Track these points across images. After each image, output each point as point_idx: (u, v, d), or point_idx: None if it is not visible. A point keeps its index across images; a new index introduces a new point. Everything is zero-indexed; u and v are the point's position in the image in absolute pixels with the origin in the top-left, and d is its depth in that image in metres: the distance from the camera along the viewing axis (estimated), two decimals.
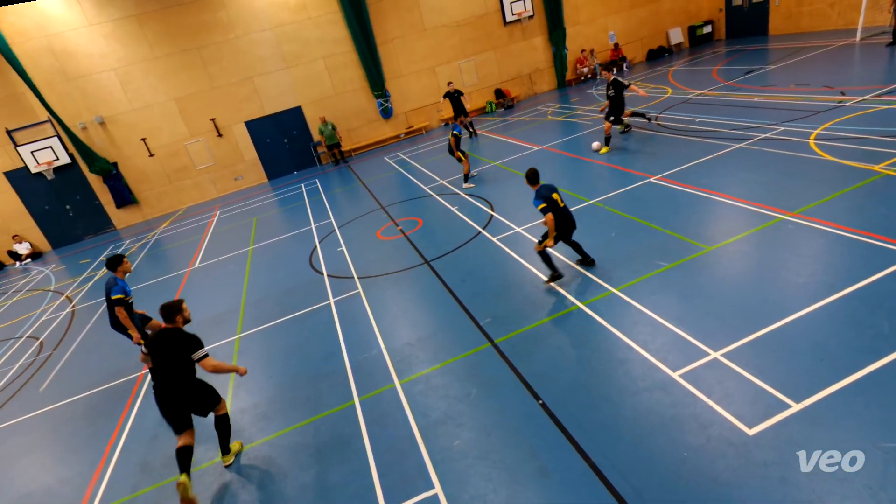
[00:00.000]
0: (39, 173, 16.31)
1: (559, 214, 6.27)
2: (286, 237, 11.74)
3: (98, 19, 15.59)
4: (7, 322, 11.11)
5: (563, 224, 6.33)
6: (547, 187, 6.34)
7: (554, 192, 6.30)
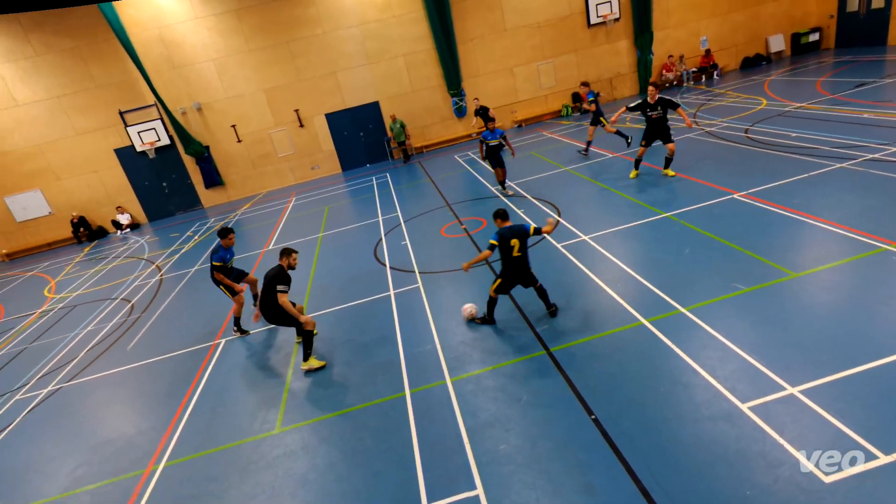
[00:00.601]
0: (143, 152, 17.95)
1: (509, 261, 6.00)
2: (354, 227, 12.15)
3: (203, 13, 16.88)
4: (105, 284, 12.34)
5: (511, 272, 6.07)
6: (512, 230, 5.99)
7: (515, 238, 5.93)
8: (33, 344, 9.58)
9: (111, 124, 17.57)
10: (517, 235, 5.95)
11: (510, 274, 6.09)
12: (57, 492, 5.36)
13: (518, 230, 6.01)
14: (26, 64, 16.48)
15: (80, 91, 17.06)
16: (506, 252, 5.96)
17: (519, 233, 5.98)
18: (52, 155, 17.61)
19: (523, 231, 6.02)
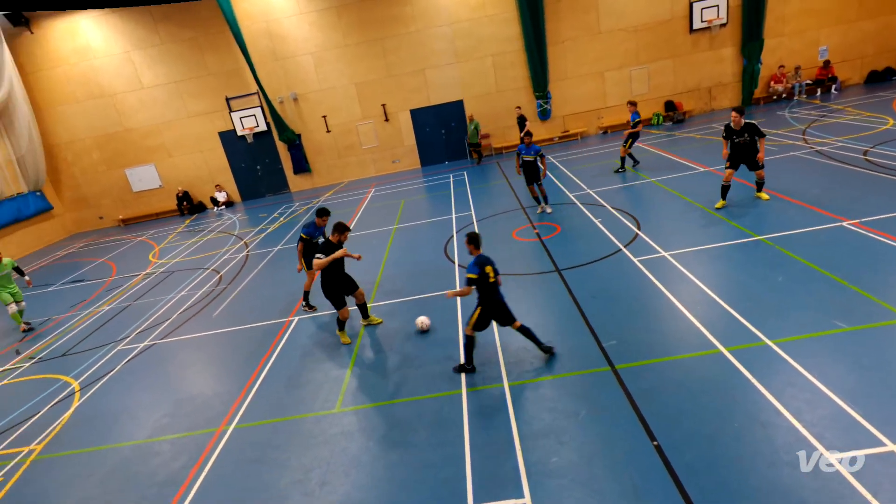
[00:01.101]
0: (243, 136, 19.40)
1: (487, 290, 5.59)
2: (427, 222, 12.36)
3: (307, 9, 17.90)
4: (199, 255, 13.50)
5: (490, 303, 5.64)
6: (485, 258, 5.64)
7: (489, 265, 5.59)
8: (136, 302, 10.70)
9: (217, 109, 19.16)
10: (490, 262, 5.65)
11: (489, 303, 5.66)
12: (143, 436, 5.95)
13: (489, 258, 5.69)
14: (153, 51, 18.38)
15: (195, 78, 18.75)
16: (483, 280, 5.57)
17: (492, 261, 5.68)
18: (167, 134, 19.52)
19: (491, 259, 5.71)
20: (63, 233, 20.48)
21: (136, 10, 17.77)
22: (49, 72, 18.64)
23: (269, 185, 20.45)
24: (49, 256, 17.32)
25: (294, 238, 13.27)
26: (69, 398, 7.17)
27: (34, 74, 18.61)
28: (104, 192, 20.44)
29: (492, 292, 5.62)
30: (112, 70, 18.62)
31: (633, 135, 12.90)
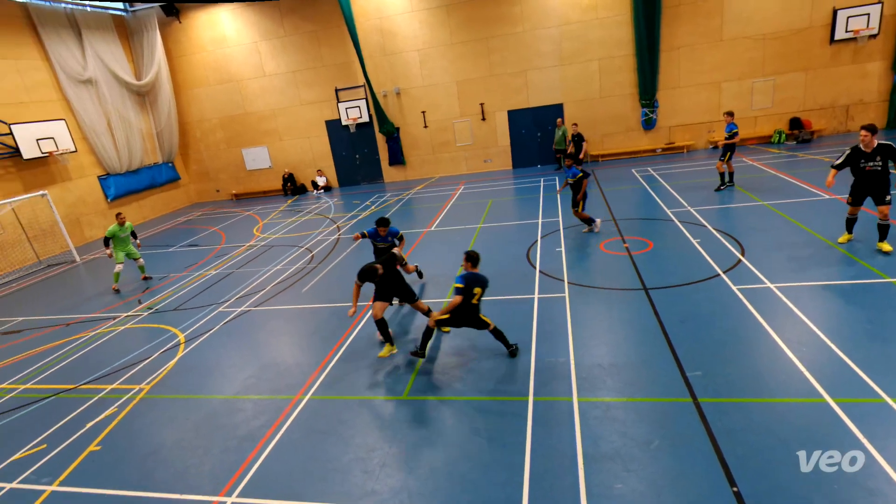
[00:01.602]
0: (346, 126, 20.49)
1: (464, 306, 5.96)
2: (512, 224, 12.26)
3: (419, 7, 18.46)
4: (296, 234, 14.49)
5: (462, 315, 6.04)
6: (477, 278, 5.98)
7: (479, 286, 5.97)
8: (238, 270, 11.73)
9: (327, 99, 20.40)
10: (481, 284, 5.98)
11: (459, 317, 6.06)
12: (231, 392, 6.53)
13: (483, 279, 6.02)
14: (277, 42, 19.96)
15: (310, 68, 20.10)
16: (468, 297, 5.91)
17: (483, 282, 6.00)
18: (281, 119, 21.15)
19: (486, 282, 6.06)
20: (186, 201, 22.96)
21: (268, 4, 19.40)
22: (190, 57, 20.94)
23: (366, 173, 21.42)
24: (172, 221, 19.51)
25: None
26: (175, 348, 8.05)
27: (178, 59, 21.01)
28: (223, 168, 22.61)
29: (468, 309, 5.99)
30: (241, 58, 20.50)
31: (730, 147, 11.88)
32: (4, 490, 5.26)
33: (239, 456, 5.28)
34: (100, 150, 18.31)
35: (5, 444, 6.06)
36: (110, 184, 18.75)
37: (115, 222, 11.22)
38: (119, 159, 19.09)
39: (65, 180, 17.16)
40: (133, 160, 19.78)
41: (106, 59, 18.59)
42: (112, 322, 9.60)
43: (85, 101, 17.77)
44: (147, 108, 20.67)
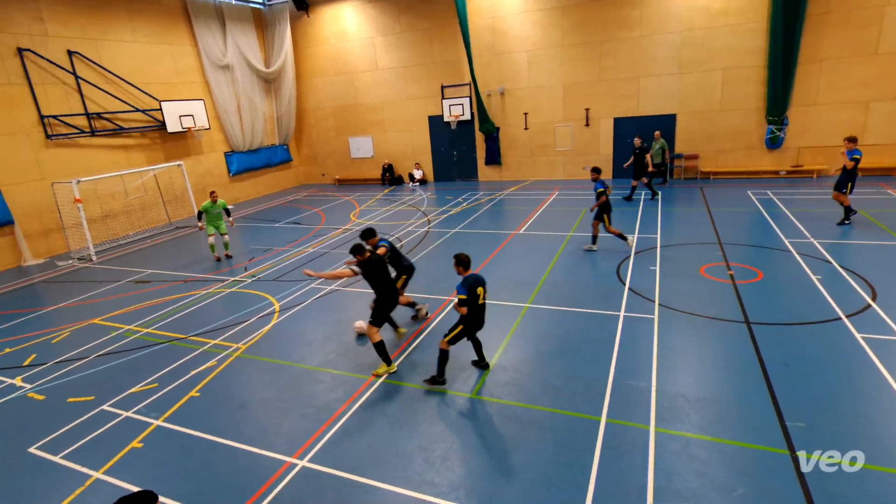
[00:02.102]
0: (448, 123, 20.87)
1: (475, 310, 5.79)
2: (605, 236, 11.75)
3: (533, 7, 18.26)
4: (388, 222, 15.06)
5: (475, 321, 5.87)
6: (476, 278, 5.81)
7: (480, 286, 5.81)
8: (332, 251, 12.45)
9: (432, 95, 20.91)
10: (482, 284, 5.85)
11: (473, 322, 5.85)
12: (314, 363, 6.97)
13: (481, 278, 5.88)
14: (392, 38, 20.81)
15: (420, 65, 20.72)
16: (473, 301, 5.72)
17: (483, 281, 5.88)
18: (387, 112, 22.05)
19: (484, 280, 5.93)
20: (294, 182, 24.78)
21: (388, 1, 20.30)
22: (313, 49, 22.52)
23: (461, 171, 21.69)
24: (280, 199, 21.17)
25: (471, 225, 13.92)
26: (270, 315, 8.75)
27: (302, 51, 22.68)
28: (330, 153, 24.09)
29: (479, 310, 5.85)
30: (357, 52, 21.66)
31: (850, 176, 10.47)
32: (122, 417, 6.07)
33: (314, 424, 5.63)
34: (228, 129, 20.34)
35: (128, 378, 6.99)
36: (234, 160, 20.78)
37: (209, 199, 12.05)
38: (243, 138, 21.08)
39: (197, 154, 19.29)
40: (255, 140, 21.73)
41: (242, 48, 20.58)
42: (221, 284, 10.65)
43: (221, 85, 19.83)
44: (271, 93, 22.56)
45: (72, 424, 6.00)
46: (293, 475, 4.85)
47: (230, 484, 4.83)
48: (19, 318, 9.69)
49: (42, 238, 14.36)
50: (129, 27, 16.61)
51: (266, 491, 4.67)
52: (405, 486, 4.58)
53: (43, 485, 5.05)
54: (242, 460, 5.16)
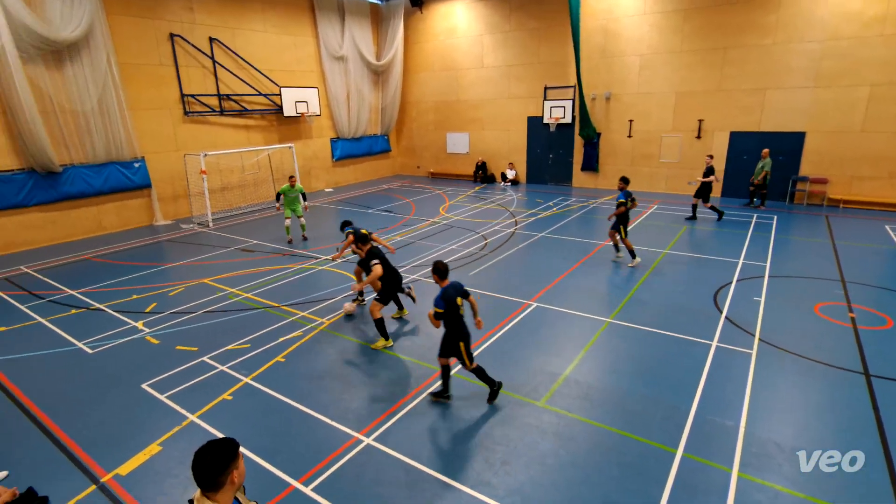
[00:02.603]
0: (547, 124, 20.48)
1: (456, 319, 5.57)
2: (704, 258, 10.92)
3: (652, 9, 17.30)
4: (476, 219, 15.14)
5: (458, 333, 5.60)
6: (455, 288, 5.61)
7: (459, 295, 5.60)
8: (418, 241, 12.78)
9: (534, 95, 20.62)
10: (459, 293, 5.64)
11: (457, 333, 5.61)
12: (390, 348, 7.21)
13: (459, 285, 5.69)
14: (500, 37, 20.80)
15: (525, 64, 20.51)
16: (453, 312, 5.53)
17: (460, 289, 5.68)
18: (487, 110, 22.12)
19: (463, 288, 5.72)
20: (390, 172, 25.73)
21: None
22: (422, 45, 23.16)
23: (555, 174, 21.21)
24: (376, 187, 22.10)
25: (559, 231, 13.59)
26: (353, 296, 9.19)
27: (412, 45, 23.41)
28: (426, 147, 24.69)
29: (460, 321, 5.63)
30: (464, 49, 21.92)
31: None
32: (218, 370, 6.72)
33: (382, 405, 5.85)
34: (336, 116, 21.58)
35: (226, 335, 7.72)
36: (338, 146, 22.03)
37: (288, 183, 12.75)
38: (349, 126, 22.27)
39: (306, 138, 20.70)
40: (359, 129, 22.86)
41: (357, 41, 21.69)
42: (315, 261, 11.37)
43: (335, 75, 21.07)
44: (379, 85, 23.56)
45: (177, 369, 6.76)
46: (358, 450, 5.08)
47: (302, 447, 5.16)
48: (147, 270, 11.07)
49: (171, 202, 16.25)
50: (262, 18, 18.17)
51: (333, 460, 4.93)
52: (462, 482, 4.61)
53: (150, 418, 5.75)
54: (315, 427, 5.49)
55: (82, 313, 8.77)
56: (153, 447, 5.22)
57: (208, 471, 2.28)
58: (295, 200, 12.92)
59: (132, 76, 14.63)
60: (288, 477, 4.73)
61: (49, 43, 12.45)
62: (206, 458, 2.29)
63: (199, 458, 2.29)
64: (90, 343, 7.60)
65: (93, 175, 13.97)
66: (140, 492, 4.63)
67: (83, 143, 13.71)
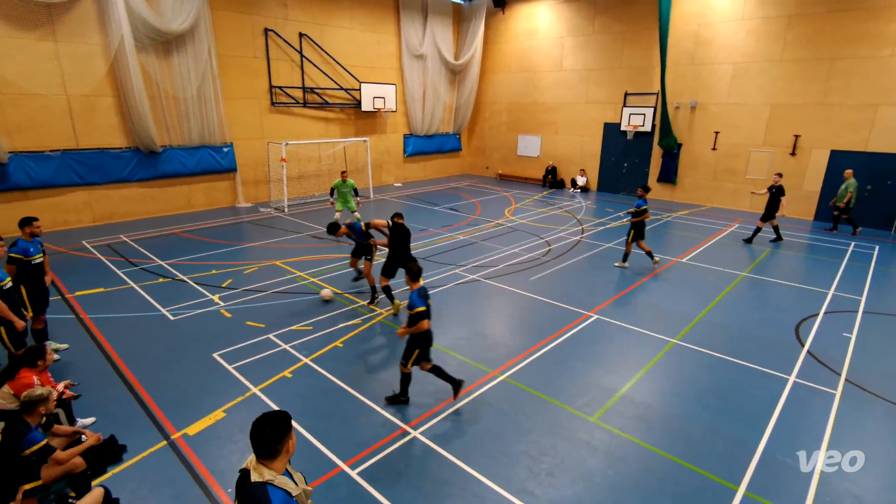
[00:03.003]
0: (624, 132, 19.73)
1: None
2: (788, 286, 10.07)
3: (752, 15, 16.14)
4: (541, 224, 14.89)
5: (427, 335, 5.56)
6: (425, 290, 5.56)
7: (429, 297, 5.59)
8: (482, 242, 12.77)
9: (613, 101, 19.93)
10: (428, 295, 5.64)
11: (426, 337, 5.58)
12: (442, 344, 7.27)
13: (427, 289, 5.65)
14: (582, 40, 20.29)
15: (606, 69, 19.86)
16: (428, 312, 5.52)
17: (427, 292, 5.66)
18: (562, 113, 21.67)
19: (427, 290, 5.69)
20: (459, 170, 25.88)
21: (585, 1, 19.78)
22: (501, 45, 23.07)
23: (628, 184, 20.40)
24: (443, 185, 22.32)
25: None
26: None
27: (491, 46, 23.38)
28: (497, 148, 24.59)
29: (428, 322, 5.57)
30: (544, 51, 21.59)
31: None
32: (281, 348, 7.09)
33: (431, 401, 5.91)
34: (411, 113, 22.02)
35: (292, 316, 8.12)
36: (410, 142, 22.47)
37: (340, 178, 13.28)
38: (422, 124, 22.65)
39: (381, 133, 21.29)
40: (432, 127, 23.18)
41: (437, 40, 21.99)
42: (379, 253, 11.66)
43: (413, 72, 21.49)
44: (455, 84, 23.76)
45: (245, 343, 7.20)
46: (405, 441, 5.17)
47: (352, 432, 5.34)
48: (226, 248, 11.87)
49: (253, 186, 17.31)
50: (349, 16, 18.89)
51: (379, 448, 5.06)
52: (504, 487, 4.57)
53: (218, 386, 6.17)
54: (365, 414, 5.66)
55: (168, 282, 9.56)
56: (218, 413, 5.60)
57: (269, 440, 2.44)
58: (347, 195, 13.43)
59: (228, 67, 15.73)
60: (336, 458, 4.91)
61: (160, 34, 13.68)
62: (266, 428, 2.44)
63: (260, 428, 2.45)
64: (172, 310, 8.28)
65: (187, 157, 15.20)
66: (204, 452, 4.98)
67: (181, 127, 14.95)
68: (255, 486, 2.41)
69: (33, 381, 4.74)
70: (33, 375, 4.80)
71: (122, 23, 12.72)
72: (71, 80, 12.82)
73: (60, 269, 9.96)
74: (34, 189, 12.74)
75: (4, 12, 11.56)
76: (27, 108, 12.32)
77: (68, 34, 12.54)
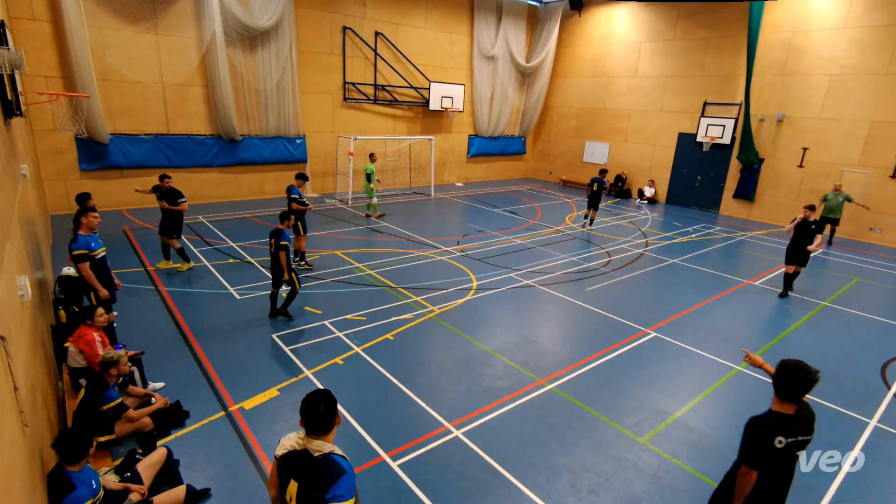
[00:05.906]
0: (700, 143, 18.71)
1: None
2: (878, 321, 9.17)
3: (855, 24, 14.81)
4: (603, 234, 14.44)
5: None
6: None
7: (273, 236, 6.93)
8: (539, 247, 12.57)
9: (690, 111, 18.95)
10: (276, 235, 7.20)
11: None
12: (492, 347, 7.24)
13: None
14: (661, 45, 19.44)
15: (685, 76, 18.92)
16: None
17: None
18: (634, 121, 20.89)
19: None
20: (521, 174, 25.61)
21: (669, 5, 18.92)
22: (575, 48, 22.57)
23: (700, 198, 19.35)
24: (506, 187, 22.17)
25: (694, 260, 12.40)
26: (467, 290, 9.37)
27: (564, 49, 22.93)
28: (562, 153, 24.10)
29: (274, 259, 7.25)
30: (619, 56, 20.90)
31: None
32: (335, 335, 7.34)
33: (476, 401, 5.90)
34: (478, 114, 22.04)
35: (348, 305, 8.38)
36: (475, 143, 22.50)
37: (370, 161, 14.19)
38: (488, 125, 22.61)
39: (446, 132, 21.47)
40: (497, 128, 23.09)
41: (510, 41, 21.86)
42: (435, 251, 11.80)
43: (483, 73, 21.51)
44: (524, 87, 23.53)
45: (303, 327, 7.52)
46: (447, 440, 5.20)
47: (396, 424, 5.43)
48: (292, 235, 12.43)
49: (321, 177, 18.02)
50: (424, 15, 19.19)
51: (421, 443, 5.11)
52: (544, 499, 4.48)
53: (275, 365, 6.48)
54: (410, 408, 5.74)
55: (237, 264, 10.16)
56: (272, 391, 5.89)
57: (324, 416, 2.62)
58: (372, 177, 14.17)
59: (306, 62, 16.47)
60: (379, 448, 5.01)
61: (248, 29, 14.56)
62: (320, 405, 2.61)
63: (313, 405, 2.59)
64: (239, 290, 8.79)
65: (263, 146, 16.08)
66: (257, 426, 5.26)
67: (260, 118, 15.84)
68: (322, 458, 2.56)
69: (93, 336, 5.16)
70: (92, 332, 5.20)
71: (215, 18, 13.68)
72: (167, 70, 13.94)
73: (145, 245, 10.86)
74: (129, 168, 13.99)
75: (116, 7, 12.75)
76: (129, 94, 13.53)
77: (168, 28, 13.64)
